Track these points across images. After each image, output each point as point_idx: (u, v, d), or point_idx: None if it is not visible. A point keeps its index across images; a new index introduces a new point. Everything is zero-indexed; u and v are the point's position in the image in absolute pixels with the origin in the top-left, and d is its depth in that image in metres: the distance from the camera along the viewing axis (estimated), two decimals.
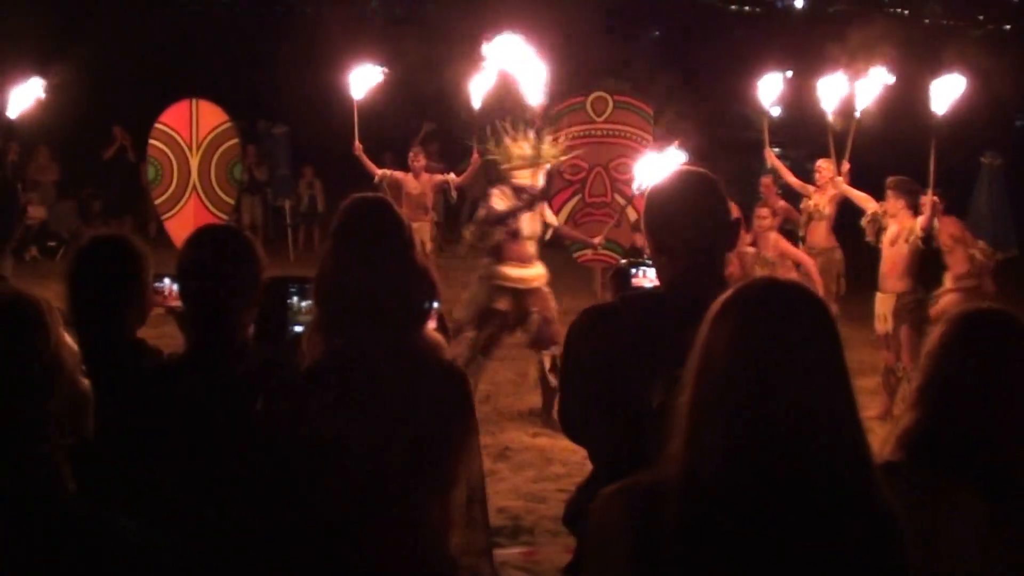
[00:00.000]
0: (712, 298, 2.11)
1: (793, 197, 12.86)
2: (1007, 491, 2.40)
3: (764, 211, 12.00)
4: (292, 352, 3.13)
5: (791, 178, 12.51)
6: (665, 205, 3.18)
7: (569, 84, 13.30)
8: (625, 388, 2.95)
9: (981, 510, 2.39)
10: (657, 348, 2.64)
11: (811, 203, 11.96)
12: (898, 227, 9.85)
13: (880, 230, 10.22)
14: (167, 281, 3.98)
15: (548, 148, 9.53)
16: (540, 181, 9.45)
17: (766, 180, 13.52)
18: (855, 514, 1.98)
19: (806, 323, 2.03)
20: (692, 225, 3.11)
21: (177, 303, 3.54)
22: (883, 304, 9.99)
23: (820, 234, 11.89)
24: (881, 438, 2.56)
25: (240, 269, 3.27)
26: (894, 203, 10.01)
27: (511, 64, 9.88)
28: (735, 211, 6.70)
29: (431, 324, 3.23)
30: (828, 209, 11.79)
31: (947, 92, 9.83)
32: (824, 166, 11.87)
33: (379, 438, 2.92)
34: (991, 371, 2.45)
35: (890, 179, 10.23)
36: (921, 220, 9.65)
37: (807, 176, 12.44)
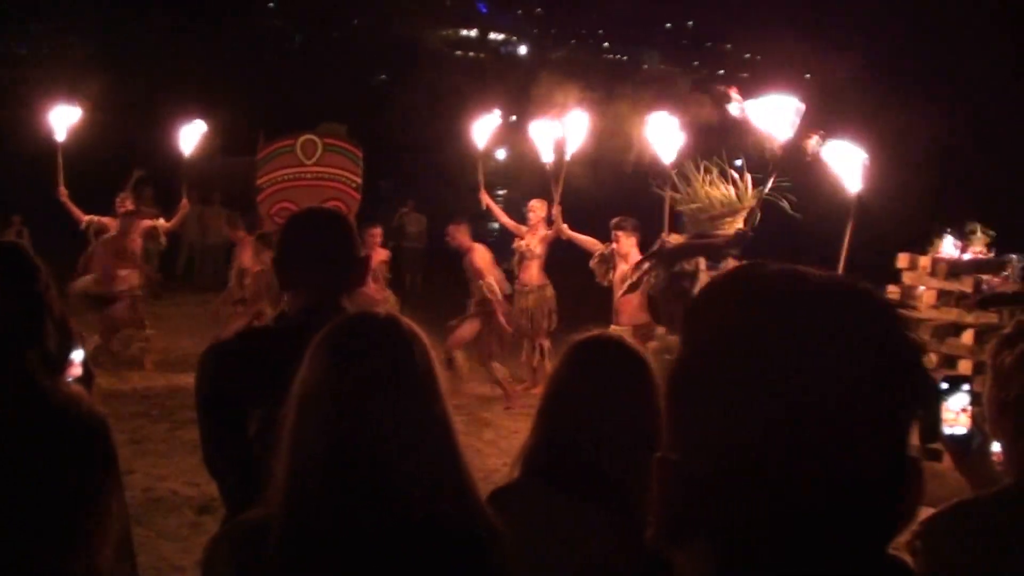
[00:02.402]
0: None
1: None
2: (616, 499, 2.46)
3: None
4: None
5: (504, 218, 12.68)
6: (290, 244, 3.20)
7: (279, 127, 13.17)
8: (236, 422, 2.93)
9: (594, 519, 2.45)
10: (267, 382, 2.64)
11: (523, 243, 12.16)
12: (628, 265, 10.12)
13: (609, 269, 10.53)
14: None
15: (745, 191, 8.55)
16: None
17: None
18: (455, 541, 2.00)
19: (396, 356, 2.05)
20: (313, 263, 3.15)
21: None
22: None
23: (532, 273, 12.09)
24: None
25: None
26: (625, 241, 10.34)
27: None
28: (368, 248, 6.30)
29: (74, 373, 3.11)
30: (539, 249, 12.01)
31: (670, 140, 9.75)
32: (536, 206, 12.10)
33: (5, 496, 2.77)
34: (591, 389, 2.54)
35: (617, 220, 10.54)
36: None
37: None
